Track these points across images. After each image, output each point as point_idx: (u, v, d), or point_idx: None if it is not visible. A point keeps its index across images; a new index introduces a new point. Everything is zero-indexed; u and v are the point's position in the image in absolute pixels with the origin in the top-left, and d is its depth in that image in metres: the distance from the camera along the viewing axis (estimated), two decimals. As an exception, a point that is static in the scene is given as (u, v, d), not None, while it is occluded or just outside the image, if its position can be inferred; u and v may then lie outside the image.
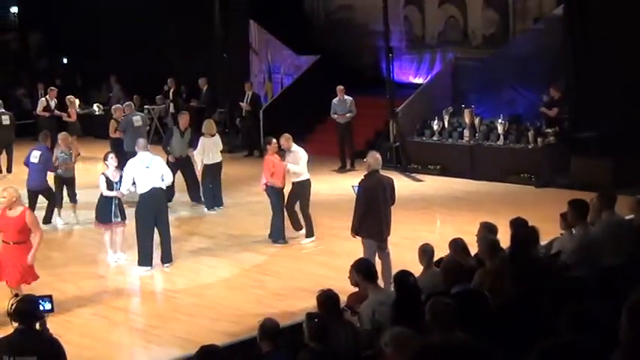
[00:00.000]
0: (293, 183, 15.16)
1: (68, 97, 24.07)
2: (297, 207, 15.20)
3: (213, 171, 17.41)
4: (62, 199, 16.76)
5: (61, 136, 17.07)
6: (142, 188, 13.64)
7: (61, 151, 16.58)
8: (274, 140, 15.15)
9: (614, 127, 17.66)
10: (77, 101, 23.62)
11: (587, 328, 5.12)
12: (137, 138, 17.94)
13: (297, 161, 15.00)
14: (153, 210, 13.69)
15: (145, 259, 13.63)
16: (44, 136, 17.00)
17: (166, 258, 13.86)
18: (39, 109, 24.36)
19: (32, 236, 11.36)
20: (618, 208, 10.61)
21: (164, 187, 13.94)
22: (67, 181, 16.73)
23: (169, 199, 16.45)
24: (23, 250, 11.30)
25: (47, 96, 24.56)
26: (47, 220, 16.32)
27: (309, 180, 15.13)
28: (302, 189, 15.07)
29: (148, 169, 13.67)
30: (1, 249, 11.45)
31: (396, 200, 12.19)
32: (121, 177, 13.95)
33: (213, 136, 17.54)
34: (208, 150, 17.34)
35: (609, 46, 18.24)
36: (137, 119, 19.40)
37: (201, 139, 17.45)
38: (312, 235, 15.10)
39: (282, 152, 15.34)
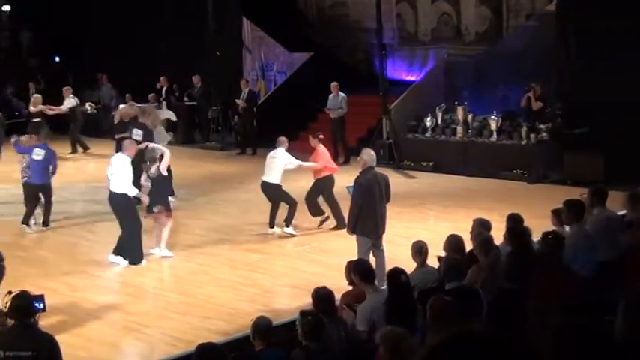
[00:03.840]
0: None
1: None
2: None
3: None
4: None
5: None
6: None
7: None
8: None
9: (606, 123, 17.67)
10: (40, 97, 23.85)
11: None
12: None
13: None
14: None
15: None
16: (44, 134, 16.66)
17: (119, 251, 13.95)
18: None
19: None
20: (610, 204, 10.64)
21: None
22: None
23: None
24: None
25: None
26: (46, 223, 15.87)
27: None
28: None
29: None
30: None
31: (391, 198, 12.18)
32: None
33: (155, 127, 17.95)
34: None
35: (601, 42, 18.25)
36: None
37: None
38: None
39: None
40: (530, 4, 22.64)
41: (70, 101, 24.60)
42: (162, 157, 14.12)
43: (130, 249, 13.67)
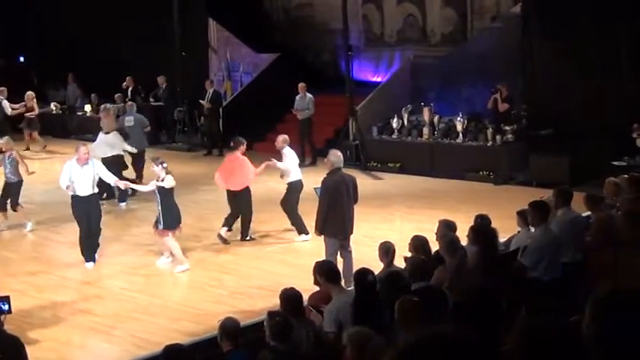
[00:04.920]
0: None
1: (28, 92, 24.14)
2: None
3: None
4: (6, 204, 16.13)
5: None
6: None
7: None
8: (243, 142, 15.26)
9: (571, 124, 17.83)
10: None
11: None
12: None
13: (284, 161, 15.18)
14: None
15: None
16: None
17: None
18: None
19: None
20: (575, 206, 10.75)
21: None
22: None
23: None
24: None
25: None
26: None
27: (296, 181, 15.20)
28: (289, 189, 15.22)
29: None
30: None
31: (358, 199, 12.23)
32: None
33: (107, 133, 17.95)
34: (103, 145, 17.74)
35: (566, 44, 18.40)
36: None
37: (99, 135, 18.11)
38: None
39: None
40: (494, 6, 22.78)
41: None
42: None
43: None
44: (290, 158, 15.21)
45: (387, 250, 9.93)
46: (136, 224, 16.11)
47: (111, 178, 14.40)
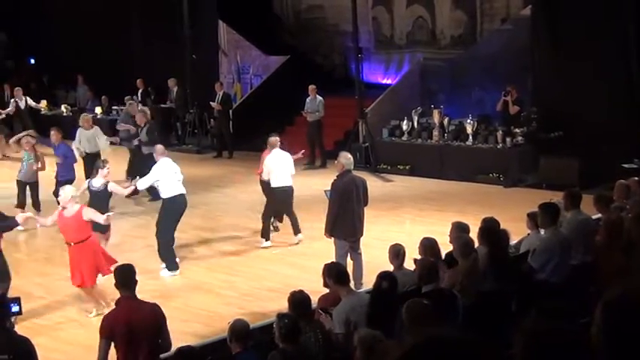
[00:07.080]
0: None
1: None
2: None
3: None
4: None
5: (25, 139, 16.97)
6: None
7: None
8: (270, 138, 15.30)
9: (581, 127, 17.80)
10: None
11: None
12: None
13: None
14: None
15: (173, 264, 13.61)
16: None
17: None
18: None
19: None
20: (585, 208, 10.74)
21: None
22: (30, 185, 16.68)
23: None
24: (84, 249, 11.47)
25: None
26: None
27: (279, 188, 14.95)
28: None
29: (176, 175, 13.79)
30: (68, 252, 11.66)
31: (368, 201, 12.23)
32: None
33: (87, 129, 18.23)
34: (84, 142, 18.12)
35: (575, 46, 18.38)
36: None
37: (78, 131, 18.31)
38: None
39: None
40: (504, 8, 22.76)
41: None
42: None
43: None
44: (273, 160, 14.96)
45: (397, 253, 9.92)
46: (147, 227, 16.08)
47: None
